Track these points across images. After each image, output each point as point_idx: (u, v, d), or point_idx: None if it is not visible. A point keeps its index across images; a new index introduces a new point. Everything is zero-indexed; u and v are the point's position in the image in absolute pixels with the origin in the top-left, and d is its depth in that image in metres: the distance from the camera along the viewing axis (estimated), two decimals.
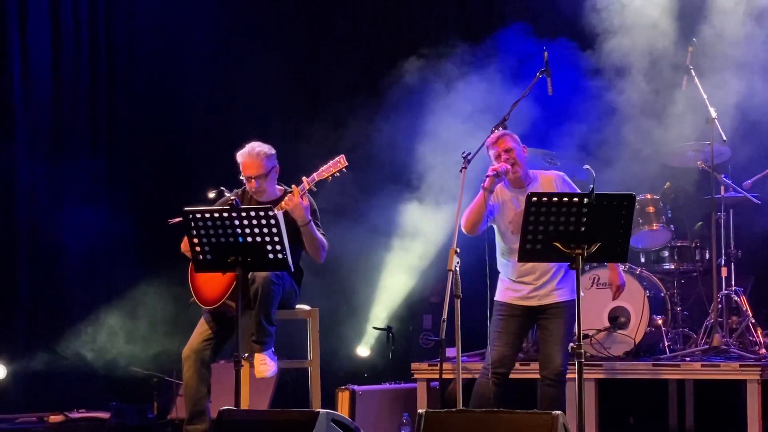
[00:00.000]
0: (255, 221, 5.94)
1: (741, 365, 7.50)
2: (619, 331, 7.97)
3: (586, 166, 5.79)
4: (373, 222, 9.45)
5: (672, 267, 8.62)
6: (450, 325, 6.15)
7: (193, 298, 6.84)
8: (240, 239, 5.97)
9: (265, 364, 6.65)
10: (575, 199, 5.48)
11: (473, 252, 6.96)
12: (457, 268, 6.19)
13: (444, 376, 6.67)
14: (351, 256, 9.33)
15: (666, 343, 8.09)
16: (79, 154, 9.80)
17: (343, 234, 8.78)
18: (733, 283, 8.34)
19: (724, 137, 8.15)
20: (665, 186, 8.63)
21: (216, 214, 5.98)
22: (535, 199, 5.49)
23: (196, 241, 6.03)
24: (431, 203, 9.14)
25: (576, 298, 5.60)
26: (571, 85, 8.97)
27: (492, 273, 6.85)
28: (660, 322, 8.16)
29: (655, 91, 8.95)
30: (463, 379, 6.35)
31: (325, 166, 6.78)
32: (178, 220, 6.37)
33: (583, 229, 5.47)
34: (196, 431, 6.72)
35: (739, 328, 8.17)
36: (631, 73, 9.01)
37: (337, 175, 6.78)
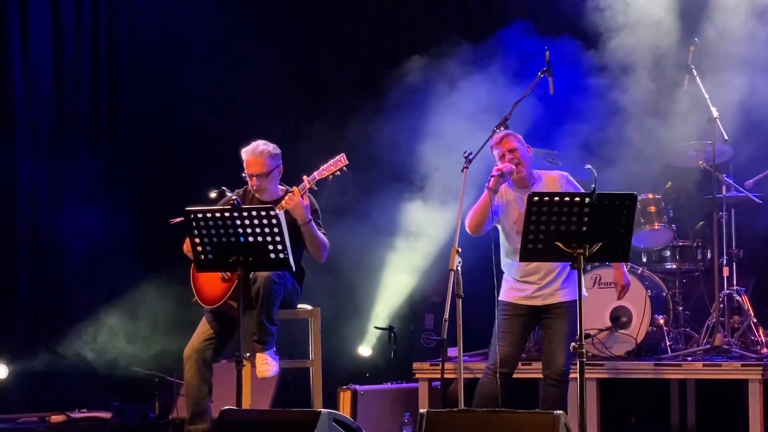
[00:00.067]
0: (256, 221, 5.93)
1: (743, 365, 7.50)
2: (620, 330, 7.97)
3: (588, 166, 5.79)
4: (375, 222, 9.45)
5: (674, 267, 8.63)
6: (451, 325, 6.15)
7: (195, 298, 6.84)
8: (241, 239, 5.97)
9: (267, 364, 6.65)
10: (577, 198, 5.47)
11: (475, 252, 6.96)
12: (459, 268, 6.19)
13: (446, 376, 6.66)
14: (353, 256, 9.32)
15: (668, 343, 8.09)
16: (79, 154, 9.80)
17: (345, 233, 8.78)
18: (734, 282, 8.34)
19: (726, 137, 8.15)
20: (667, 185, 8.63)
21: (217, 214, 5.98)
22: (536, 198, 5.49)
23: (197, 241, 6.03)
24: (433, 203, 9.14)
25: (579, 298, 5.60)
26: (573, 84, 8.96)
27: (499, 273, 6.85)
28: (662, 321, 8.16)
29: (658, 91, 8.95)
30: (464, 378, 6.35)
31: (325, 165, 6.78)
32: (179, 220, 6.37)
33: (584, 228, 5.47)
34: (197, 431, 6.72)
35: (741, 327, 8.17)
36: (633, 72, 9.01)
37: (338, 174, 6.77)
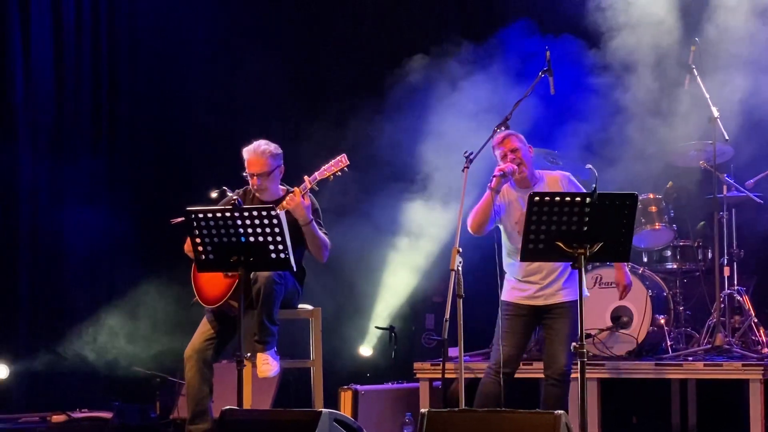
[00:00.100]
0: (257, 221, 5.93)
1: (743, 365, 7.50)
2: (621, 330, 7.97)
3: (589, 166, 5.79)
4: (375, 221, 9.45)
5: (674, 266, 8.63)
6: (452, 325, 6.15)
7: (196, 298, 6.84)
8: (242, 239, 5.97)
9: (268, 364, 6.65)
10: (577, 198, 5.47)
11: (476, 252, 6.96)
12: (460, 268, 6.18)
13: (446, 376, 6.66)
14: (353, 256, 9.32)
15: (668, 343, 8.09)
16: (80, 154, 9.80)
17: (345, 233, 8.78)
18: (735, 282, 8.34)
19: (726, 136, 8.15)
20: (668, 185, 8.63)
21: (218, 214, 5.98)
22: (537, 198, 5.49)
23: (198, 240, 6.03)
24: (433, 203, 9.14)
25: (580, 298, 5.60)
26: (574, 84, 8.96)
27: (502, 274, 6.85)
28: (662, 321, 8.16)
29: (659, 90, 8.95)
30: (465, 378, 6.35)
31: (326, 165, 6.77)
32: (180, 220, 6.37)
33: (585, 228, 5.47)
34: (198, 431, 6.72)
35: (742, 327, 8.17)
36: (635, 72, 9.00)
37: (339, 174, 6.77)
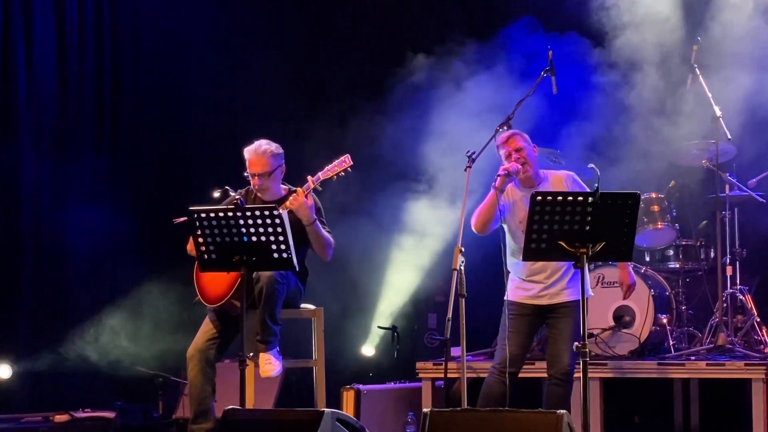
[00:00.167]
0: (260, 221, 5.94)
1: (746, 364, 7.50)
2: (624, 330, 7.97)
3: (591, 165, 5.79)
4: (378, 221, 9.45)
5: (677, 266, 8.63)
6: (454, 325, 6.15)
7: (198, 297, 6.84)
8: (245, 239, 5.98)
9: (270, 364, 6.65)
10: (580, 198, 5.47)
11: (479, 251, 6.96)
12: (462, 268, 6.18)
13: (449, 376, 6.66)
14: (356, 255, 9.32)
15: (671, 342, 8.09)
16: (82, 154, 9.80)
17: (348, 233, 8.78)
18: (738, 281, 8.33)
19: (729, 136, 8.15)
20: (670, 185, 8.63)
21: (221, 214, 5.99)
22: (539, 198, 5.49)
23: (201, 240, 6.03)
24: (436, 202, 9.13)
25: (582, 297, 5.60)
26: (576, 83, 8.96)
27: (508, 274, 6.85)
28: (665, 321, 8.16)
29: (662, 89, 8.94)
30: (467, 378, 6.35)
31: (330, 166, 6.78)
32: (183, 219, 6.37)
33: (587, 227, 5.47)
34: (200, 431, 6.72)
35: (744, 326, 8.17)
36: (638, 71, 9.00)
37: (342, 174, 6.78)
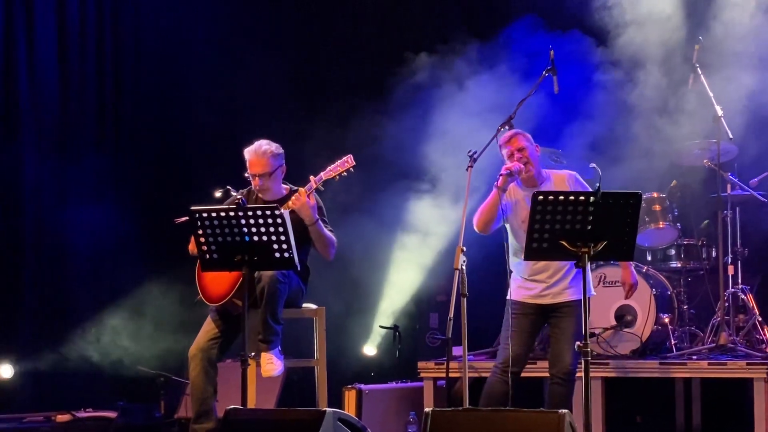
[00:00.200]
0: (261, 220, 5.95)
1: (748, 363, 7.49)
2: (625, 329, 7.96)
3: (592, 165, 5.79)
4: (380, 221, 9.45)
5: (678, 265, 8.63)
6: (456, 324, 6.15)
7: (200, 295, 6.84)
8: (246, 238, 5.98)
9: (272, 363, 6.65)
10: (581, 197, 5.47)
11: (481, 251, 6.95)
12: (464, 267, 6.18)
13: (450, 375, 6.66)
14: (358, 255, 9.32)
15: (673, 342, 8.09)
16: (84, 154, 9.80)
17: (350, 233, 8.78)
18: (739, 281, 8.33)
19: (730, 135, 8.15)
20: (672, 184, 8.62)
21: (222, 213, 5.99)
22: (541, 197, 5.49)
23: (202, 240, 6.04)
24: (438, 201, 9.13)
25: (584, 297, 5.60)
26: (578, 82, 8.96)
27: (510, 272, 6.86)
28: (667, 320, 8.16)
29: (664, 89, 8.94)
30: (469, 377, 6.35)
31: (332, 166, 6.78)
32: (184, 219, 6.37)
33: (589, 227, 5.47)
34: (202, 430, 6.72)
35: (746, 326, 8.17)
36: (640, 70, 9.00)
37: (345, 174, 6.78)
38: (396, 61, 9.69)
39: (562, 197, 5.48)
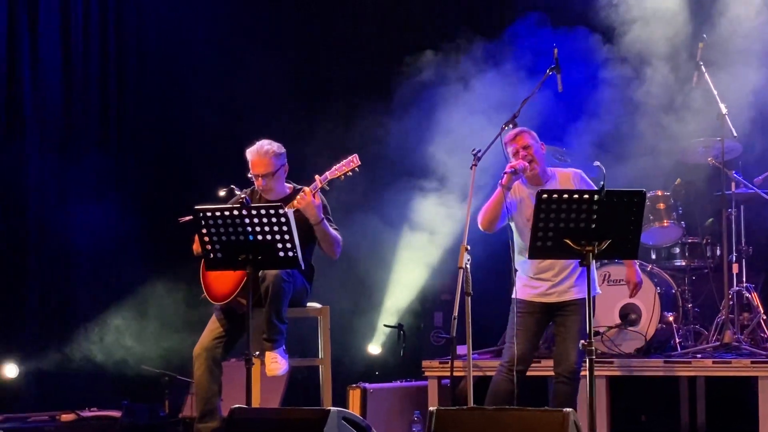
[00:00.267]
0: (265, 219, 5.94)
1: (752, 362, 7.48)
2: (630, 328, 7.95)
3: (597, 163, 5.79)
4: (384, 220, 9.45)
5: (683, 263, 8.62)
6: (460, 323, 6.15)
7: (204, 294, 6.84)
8: (251, 237, 5.98)
9: (276, 363, 6.65)
10: (585, 196, 5.47)
11: (486, 249, 6.94)
12: (468, 266, 6.18)
13: (455, 374, 6.65)
14: (363, 254, 9.33)
15: (677, 340, 8.08)
16: (87, 153, 9.80)
17: (355, 231, 8.78)
18: (744, 279, 8.32)
19: (735, 133, 8.14)
20: (676, 182, 8.61)
21: (226, 213, 5.99)
22: (545, 196, 5.48)
23: (206, 239, 6.03)
24: (443, 199, 9.12)
25: (588, 295, 5.59)
26: (583, 80, 8.94)
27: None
28: (671, 318, 8.15)
29: (669, 86, 8.92)
30: (474, 376, 6.34)
31: (337, 165, 6.77)
32: (188, 218, 6.37)
33: (593, 225, 5.46)
34: (207, 429, 6.72)
35: (751, 324, 8.16)
36: (645, 68, 8.98)
37: (350, 174, 6.77)
38: (398, 59, 9.68)
39: (566, 195, 5.48)
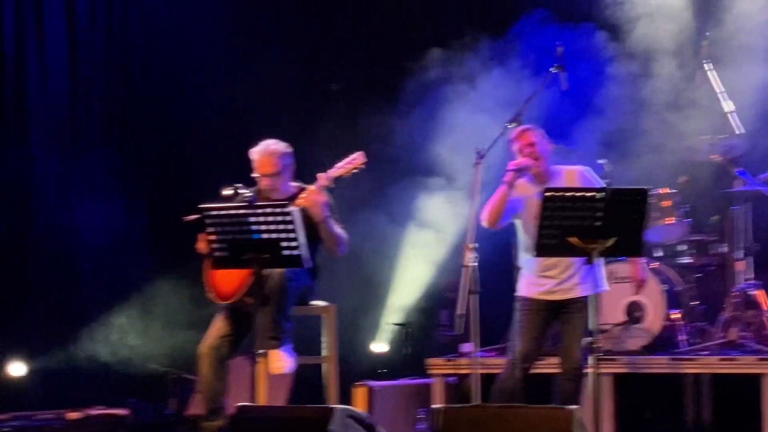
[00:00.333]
0: (271, 218, 5.94)
1: (758, 359, 7.48)
2: (635, 325, 7.95)
3: (602, 161, 5.79)
4: (389, 217, 9.45)
5: (688, 261, 8.60)
6: (466, 320, 6.15)
7: (211, 293, 6.84)
8: (256, 236, 5.98)
9: (282, 361, 6.65)
10: (590, 194, 5.48)
11: (491, 247, 6.94)
12: (474, 264, 6.18)
13: (460, 372, 6.66)
14: (367, 252, 9.33)
15: (683, 338, 8.07)
16: (93, 152, 9.81)
17: (360, 229, 8.78)
18: (750, 277, 8.31)
19: (739, 130, 8.13)
20: (682, 179, 8.60)
21: (232, 211, 6.00)
22: (550, 194, 5.49)
23: (212, 238, 6.04)
24: (448, 197, 9.13)
25: (589, 294, 5.60)
26: (589, 77, 8.94)
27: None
28: (677, 316, 8.14)
29: (674, 83, 8.91)
30: (479, 374, 6.35)
31: (342, 163, 6.77)
32: (194, 217, 6.38)
33: (598, 223, 5.47)
34: (213, 428, 6.73)
35: (756, 321, 8.14)
36: (650, 64, 8.97)
37: (355, 171, 6.77)
38: (403, 57, 9.67)
39: (570, 194, 5.49)
